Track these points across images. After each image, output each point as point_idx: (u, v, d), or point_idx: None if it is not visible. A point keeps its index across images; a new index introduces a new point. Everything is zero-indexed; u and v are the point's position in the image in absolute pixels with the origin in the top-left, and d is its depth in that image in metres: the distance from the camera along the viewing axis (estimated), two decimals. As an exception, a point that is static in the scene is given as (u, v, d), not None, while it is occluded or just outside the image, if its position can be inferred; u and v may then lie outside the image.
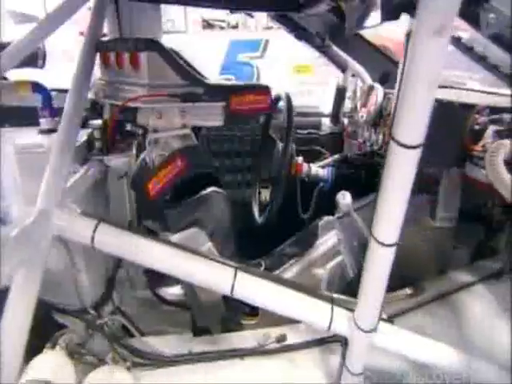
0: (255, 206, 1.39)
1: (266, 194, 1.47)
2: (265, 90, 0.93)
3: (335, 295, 0.81)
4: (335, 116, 1.85)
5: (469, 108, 1.04)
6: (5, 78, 1.42)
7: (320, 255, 1.30)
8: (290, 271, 1.23)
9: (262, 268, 1.25)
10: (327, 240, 1.35)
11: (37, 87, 1.18)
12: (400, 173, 0.55)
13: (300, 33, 1.62)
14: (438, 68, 0.46)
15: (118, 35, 1.35)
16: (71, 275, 1.08)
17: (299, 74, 3.85)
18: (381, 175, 0.58)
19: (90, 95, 1.03)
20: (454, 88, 1.50)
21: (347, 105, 1.85)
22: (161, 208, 1.09)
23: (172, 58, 0.92)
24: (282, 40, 3.91)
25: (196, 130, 1.10)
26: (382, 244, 0.61)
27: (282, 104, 1.27)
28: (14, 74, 1.38)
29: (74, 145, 0.91)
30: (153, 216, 1.07)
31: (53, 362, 0.78)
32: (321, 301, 0.77)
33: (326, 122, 1.94)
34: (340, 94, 1.83)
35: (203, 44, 3.73)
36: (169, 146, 0.99)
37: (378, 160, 1.39)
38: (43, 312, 1.09)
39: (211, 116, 0.94)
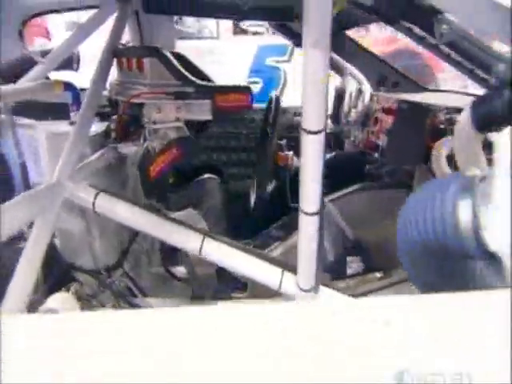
0: (252, 195, 1.56)
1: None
2: (246, 90, 1.10)
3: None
4: (335, 116, 1.98)
5: (428, 110, 1.15)
6: (47, 78, 1.68)
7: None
8: (275, 251, 1.39)
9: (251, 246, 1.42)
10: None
11: (68, 86, 1.42)
12: (310, 156, 0.70)
13: (298, 40, 1.77)
14: (320, 71, 0.61)
15: (139, 42, 1.58)
16: (88, 242, 1.30)
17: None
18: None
19: (106, 93, 1.25)
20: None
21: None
22: (163, 190, 1.29)
23: (169, 63, 1.12)
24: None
25: (205, 127, 1.29)
26: (306, 213, 0.76)
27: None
28: (53, 76, 1.64)
29: (88, 133, 1.13)
30: (154, 195, 1.27)
31: (62, 300, 0.99)
32: (274, 265, 0.92)
33: (328, 122, 2.08)
34: (339, 95, 1.96)
35: (234, 49, 3.95)
36: (166, 136, 1.19)
37: (359, 157, 1.52)
38: (65, 269, 1.32)
39: (200, 111, 1.13)
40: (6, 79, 1.46)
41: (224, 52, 3.81)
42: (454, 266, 0.44)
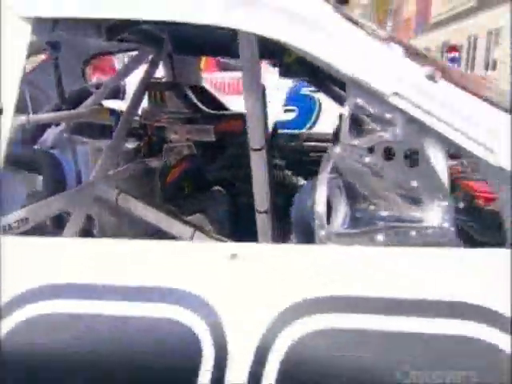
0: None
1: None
2: (240, 117, 1.38)
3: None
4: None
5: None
6: (100, 105, 2.07)
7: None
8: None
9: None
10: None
11: (112, 112, 1.79)
12: (255, 168, 0.94)
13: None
14: (257, 102, 0.87)
15: (171, 78, 1.93)
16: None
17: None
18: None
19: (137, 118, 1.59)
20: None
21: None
22: (176, 196, 1.59)
23: (184, 95, 1.43)
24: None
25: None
26: (259, 211, 1.00)
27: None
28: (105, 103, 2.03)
29: (121, 148, 1.46)
30: (170, 200, 1.57)
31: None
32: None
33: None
34: (341, 121, 2.15)
35: (272, 78, 4.28)
36: (180, 153, 1.49)
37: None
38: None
39: (206, 134, 1.42)
40: (70, 106, 1.86)
41: (262, 81, 4.13)
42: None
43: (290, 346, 0.49)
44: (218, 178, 1.64)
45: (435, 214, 0.57)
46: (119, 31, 1.14)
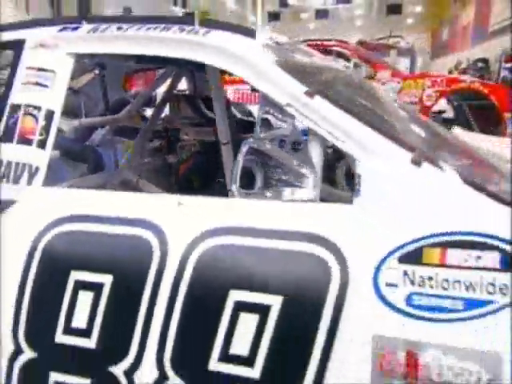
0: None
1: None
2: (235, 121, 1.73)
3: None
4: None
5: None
6: (137, 111, 2.49)
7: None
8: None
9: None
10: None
11: (143, 118, 2.22)
12: (225, 160, 1.28)
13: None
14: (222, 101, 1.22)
15: (193, 91, 2.33)
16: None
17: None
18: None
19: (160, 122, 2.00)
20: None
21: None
22: (186, 188, 1.97)
23: (194, 105, 1.81)
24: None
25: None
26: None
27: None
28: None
29: (145, 145, 1.87)
30: (181, 190, 1.96)
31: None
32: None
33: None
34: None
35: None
36: (190, 151, 1.87)
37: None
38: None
39: (208, 135, 1.79)
40: (112, 112, 2.31)
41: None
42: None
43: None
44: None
45: (305, 182, 0.88)
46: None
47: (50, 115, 1.06)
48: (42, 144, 1.05)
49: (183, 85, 2.25)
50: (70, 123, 1.84)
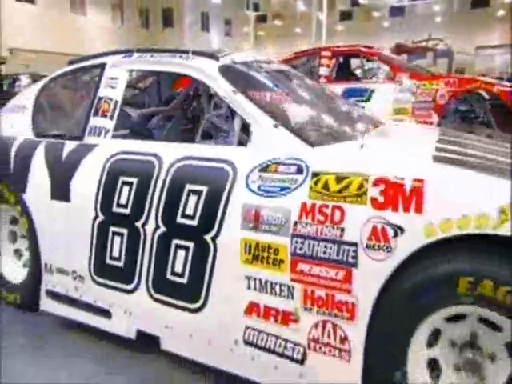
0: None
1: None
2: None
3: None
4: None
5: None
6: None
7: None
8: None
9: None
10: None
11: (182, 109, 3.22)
12: None
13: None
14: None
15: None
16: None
17: (398, 115, 5.00)
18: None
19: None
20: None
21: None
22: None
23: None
24: (385, 89, 5.14)
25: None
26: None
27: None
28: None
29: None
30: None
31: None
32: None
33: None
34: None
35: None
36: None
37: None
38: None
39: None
40: (164, 105, 3.34)
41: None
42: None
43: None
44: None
45: (230, 136, 1.78)
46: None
47: (115, 103, 2.07)
48: (111, 117, 2.07)
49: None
50: (137, 112, 2.88)
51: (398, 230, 1.32)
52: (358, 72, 5.57)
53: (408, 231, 1.30)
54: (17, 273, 2.43)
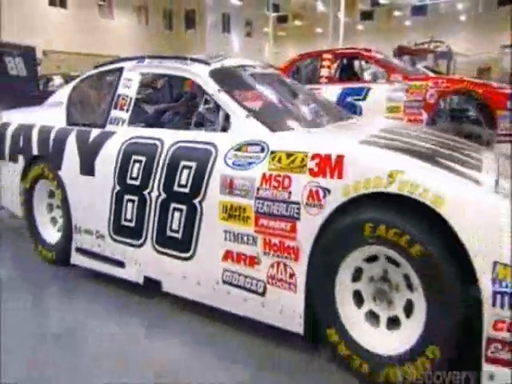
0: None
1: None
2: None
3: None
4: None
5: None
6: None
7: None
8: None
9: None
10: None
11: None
12: None
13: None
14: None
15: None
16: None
17: (391, 112, 5.43)
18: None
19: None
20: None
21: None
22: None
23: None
24: (380, 89, 5.56)
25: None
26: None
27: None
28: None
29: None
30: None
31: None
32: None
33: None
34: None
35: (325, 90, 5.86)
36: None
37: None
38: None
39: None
40: (174, 102, 3.91)
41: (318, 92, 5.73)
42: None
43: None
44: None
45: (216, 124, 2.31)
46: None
47: (130, 99, 2.64)
48: (127, 110, 2.64)
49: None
50: (152, 107, 3.45)
51: (327, 191, 1.81)
52: (359, 73, 6.01)
53: (332, 192, 1.80)
54: (53, 236, 3.04)
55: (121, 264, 2.59)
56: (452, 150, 2.14)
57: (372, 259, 1.84)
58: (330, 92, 5.78)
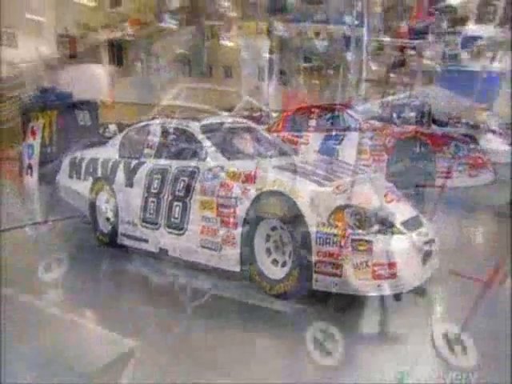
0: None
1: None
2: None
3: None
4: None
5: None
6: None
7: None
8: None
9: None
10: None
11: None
12: None
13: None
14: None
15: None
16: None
17: (360, 154, 6.98)
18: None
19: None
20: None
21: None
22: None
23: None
24: (351, 136, 7.14)
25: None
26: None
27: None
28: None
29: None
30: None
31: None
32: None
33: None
34: None
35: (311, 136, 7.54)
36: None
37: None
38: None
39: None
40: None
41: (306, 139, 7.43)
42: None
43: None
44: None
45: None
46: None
47: (155, 142, 4.48)
48: (152, 148, 4.47)
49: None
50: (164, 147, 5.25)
51: (248, 190, 3.46)
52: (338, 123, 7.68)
53: (250, 191, 3.44)
54: (107, 226, 4.82)
55: (145, 241, 4.29)
56: (323, 170, 3.73)
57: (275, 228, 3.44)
58: (316, 138, 7.49)
